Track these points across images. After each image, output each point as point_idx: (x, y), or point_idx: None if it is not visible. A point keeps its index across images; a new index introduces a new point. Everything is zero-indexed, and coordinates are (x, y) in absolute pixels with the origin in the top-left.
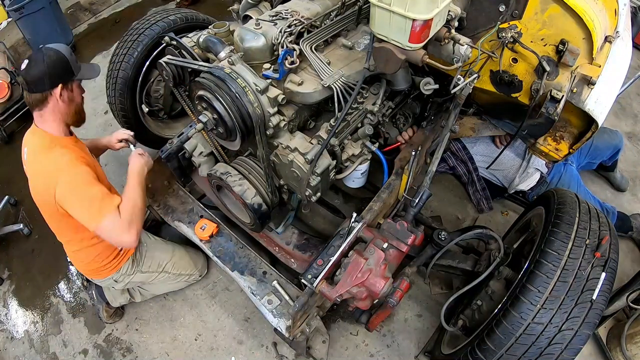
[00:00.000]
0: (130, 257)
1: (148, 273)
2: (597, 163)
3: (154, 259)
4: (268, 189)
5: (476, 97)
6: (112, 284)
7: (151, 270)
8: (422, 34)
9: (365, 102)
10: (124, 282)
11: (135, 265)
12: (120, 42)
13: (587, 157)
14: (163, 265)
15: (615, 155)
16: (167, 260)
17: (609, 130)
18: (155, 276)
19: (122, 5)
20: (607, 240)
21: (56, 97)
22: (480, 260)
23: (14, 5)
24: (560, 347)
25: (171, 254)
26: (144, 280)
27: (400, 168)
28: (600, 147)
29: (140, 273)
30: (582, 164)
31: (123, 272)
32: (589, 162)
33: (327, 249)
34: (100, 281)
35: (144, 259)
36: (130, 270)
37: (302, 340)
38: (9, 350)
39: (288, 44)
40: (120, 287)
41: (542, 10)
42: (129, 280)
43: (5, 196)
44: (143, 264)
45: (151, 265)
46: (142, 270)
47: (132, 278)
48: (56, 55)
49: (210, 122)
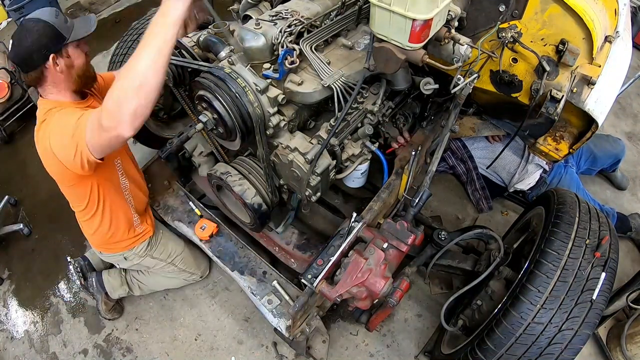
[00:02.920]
0: (148, 239)
1: (157, 260)
2: (597, 170)
3: (167, 247)
4: (268, 189)
5: (476, 97)
6: (120, 260)
7: (161, 258)
8: (422, 33)
9: (365, 102)
10: (132, 261)
11: (149, 248)
12: (120, 42)
13: (587, 163)
14: (173, 257)
15: (616, 164)
16: (178, 253)
17: (612, 139)
18: (162, 265)
19: (122, 5)
20: (607, 240)
21: (51, 69)
22: (480, 260)
23: (14, 5)
24: (560, 347)
25: (182, 248)
26: (149, 266)
27: (400, 168)
28: (601, 156)
29: (150, 258)
30: (582, 169)
31: (136, 252)
32: (589, 169)
33: (327, 249)
34: (110, 256)
35: (159, 245)
36: (143, 253)
37: (302, 340)
38: (9, 350)
39: (288, 44)
40: (127, 265)
41: (542, 10)
42: (137, 262)
43: (5, 196)
44: (156, 250)
45: (162, 253)
46: (153, 255)
47: (141, 261)
48: (39, 25)
49: (210, 122)
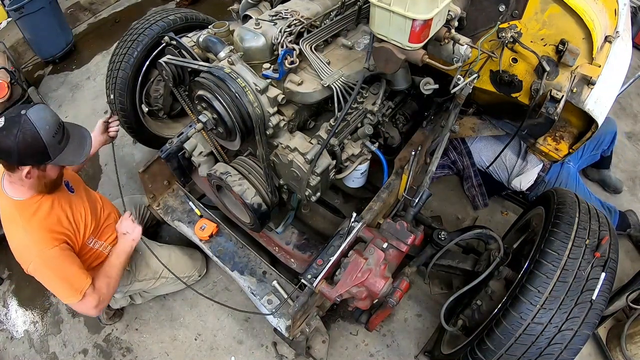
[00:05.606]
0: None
1: (145, 281)
2: (600, 154)
3: (149, 267)
4: (268, 189)
5: (476, 97)
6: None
7: (148, 277)
8: (422, 33)
9: (365, 102)
10: (122, 292)
11: (131, 275)
12: (120, 41)
13: (587, 150)
14: (160, 272)
15: (614, 141)
16: (162, 267)
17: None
18: (153, 283)
19: (122, 5)
20: (607, 240)
21: (22, 173)
22: (480, 260)
23: (14, 5)
24: (560, 347)
25: (167, 259)
26: (142, 288)
27: (400, 168)
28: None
29: (137, 282)
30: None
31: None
32: (591, 155)
33: (326, 249)
34: None
35: (140, 268)
36: (126, 281)
37: (301, 340)
38: (9, 350)
39: (288, 44)
40: (120, 296)
41: (542, 10)
42: (127, 290)
43: None
44: (139, 273)
45: (147, 274)
46: (138, 279)
47: (130, 287)
48: (31, 138)
49: (210, 122)
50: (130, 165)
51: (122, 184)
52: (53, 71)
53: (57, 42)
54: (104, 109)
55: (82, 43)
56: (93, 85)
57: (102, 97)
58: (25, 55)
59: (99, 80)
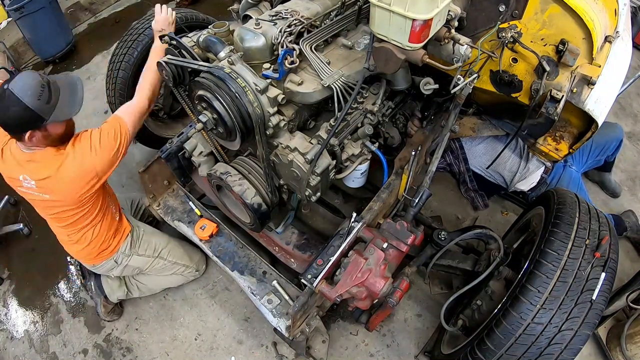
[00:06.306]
0: (128, 236)
1: (144, 257)
2: (604, 159)
3: (150, 243)
4: (268, 189)
5: (476, 97)
6: (112, 266)
7: (147, 254)
8: (422, 33)
9: (365, 102)
10: (122, 264)
11: (132, 246)
12: (120, 42)
13: (592, 155)
14: (159, 250)
15: (619, 147)
16: (163, 246)
17: (606, 124)
18: (151, 262)
19: (122, 5)
20: (607, 240)
21: (26, 138)
22: (480, 260)
23: (14, 5)
24: (560, 347)
25: (167, 241)
26: (141, 267)
27: (400, 168)
28: (604, 144)
29: (137, 256)
30: (588, 163)
31: (122, 251)
32: (595, 160)
33: (326, 249)
34: (101, 265)
35: (141, 242)
36: (128, 251)
37: (301, 340)
38: (9, 350)
39: (288, 44)
40: (119, 270)
41: (542, 10)
42: (127, 263)
43: (5, 196)
44: (139, 247)
45: (147, 249)
46: (138, 252)
47: (129, 260)
48: (18, 107)
49: (210, 122)
50: (130, 165)
51: (122, 184)
52: (53, 71)
53: (57, 42)
54: (104, 109)
55: (82, 43)
56: (93, 86)
57: (102, 97)
58: (25, 55)
59: (99, 80)
